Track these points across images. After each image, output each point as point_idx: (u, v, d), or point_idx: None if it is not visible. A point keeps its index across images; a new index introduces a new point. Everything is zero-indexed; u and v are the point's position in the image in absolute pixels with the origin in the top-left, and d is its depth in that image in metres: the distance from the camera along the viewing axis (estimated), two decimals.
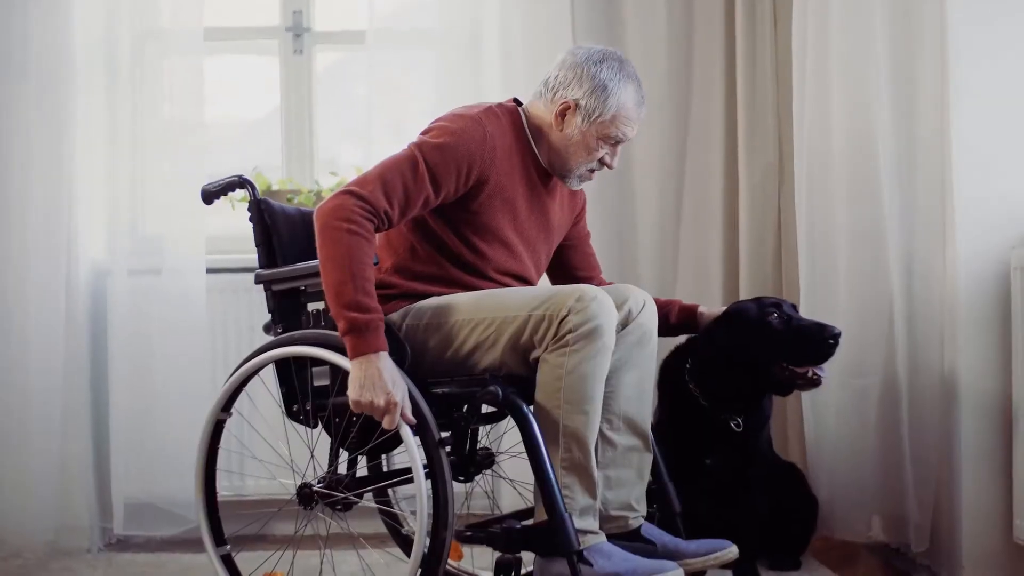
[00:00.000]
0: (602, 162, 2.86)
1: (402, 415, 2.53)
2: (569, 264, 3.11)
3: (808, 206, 3.48)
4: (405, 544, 3.24)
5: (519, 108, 2.89)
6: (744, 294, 3.81)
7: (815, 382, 2.95)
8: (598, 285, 3.05)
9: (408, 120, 4.11)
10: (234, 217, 3.93)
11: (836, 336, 2.92)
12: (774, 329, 2.97)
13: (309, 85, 4.24)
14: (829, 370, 3.38)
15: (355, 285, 2.53)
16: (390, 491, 3.28)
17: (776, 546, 3.30)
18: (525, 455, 2.94)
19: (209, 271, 3.80)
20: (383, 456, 3.21)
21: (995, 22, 3.08)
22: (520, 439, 2.94)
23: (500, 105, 2.87)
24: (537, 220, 2.88)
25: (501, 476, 3.14)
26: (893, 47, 3.24)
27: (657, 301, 2.98)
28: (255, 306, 3.85)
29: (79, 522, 3.75)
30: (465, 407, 2.75)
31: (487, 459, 3.01)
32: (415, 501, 3.15)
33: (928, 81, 3.18)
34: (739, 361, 2.96)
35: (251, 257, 3.85)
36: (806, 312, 3.48)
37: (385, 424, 2.54)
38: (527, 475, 2.97)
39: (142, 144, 3.84)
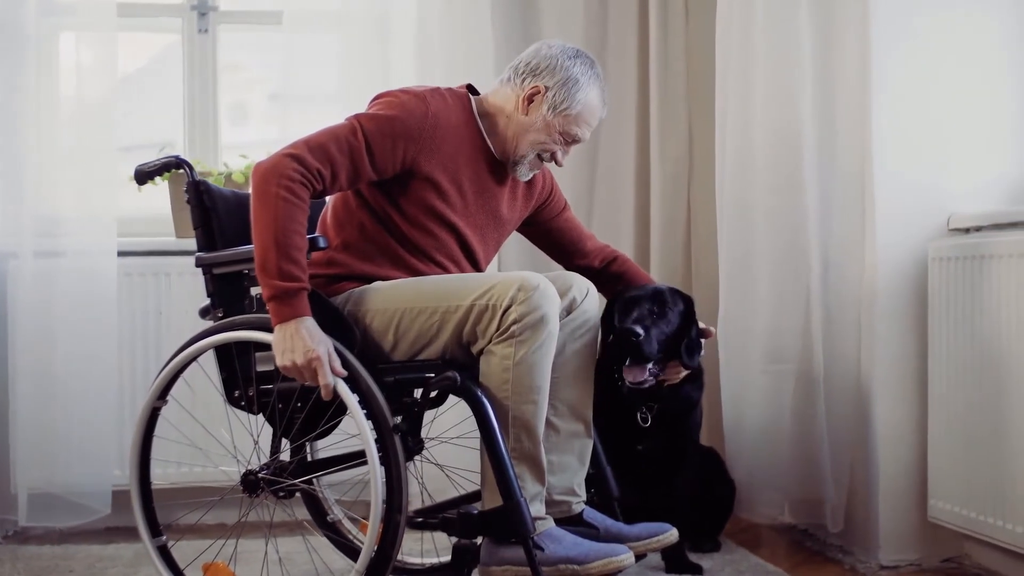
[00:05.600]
0: (552, 156, 2.87)
1: (332, 369, 2.51)
2: (556, 240, 3.16)
3: (730, 196, 3.55)
4: (332, 530, 3.21)
5: (470, 96, 2.89)
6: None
7: (631, 384, 2.96)
8: (591, 251, 3.14)
9: (316, 102, 4.07)
10: (144, 198, 3.83)
11: (627, 331, 2.92)
12: (610, 323, 3.02)
13: (214, 65, 4.15)
14: (752, 357, 3.48)
15: (280, 252, 2.51)
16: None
17: (697, 528, 3.37)
18: (456, 441, 2.98)
19: (120, 254, 3.68)
20: (307, 445, 3.18)
21: (915, 17, 3.18)
22: (449, 426, 3.00)
23: (450, 89, 2.86)
24: (485, 207, 2.88)
25: (432, 462, 3.13)
26: (816, 40, 3.33)
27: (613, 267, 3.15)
28: (165, 290, 3.77)
29: None
30: (408, 392, 2.74)
31: (417, 445, 3.00)
32: (341, 489, 3.18)
33: (850, 74, 3.26)
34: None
35: (163, 240, 3.83)
36: (724, 299, 3.58)
37: (312, 382, 2.52)
38: (457, 461, 3.01)
39: (48, 121, 3.69)
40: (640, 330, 2.92)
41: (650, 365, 2.95)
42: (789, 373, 3.41)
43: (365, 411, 2.54)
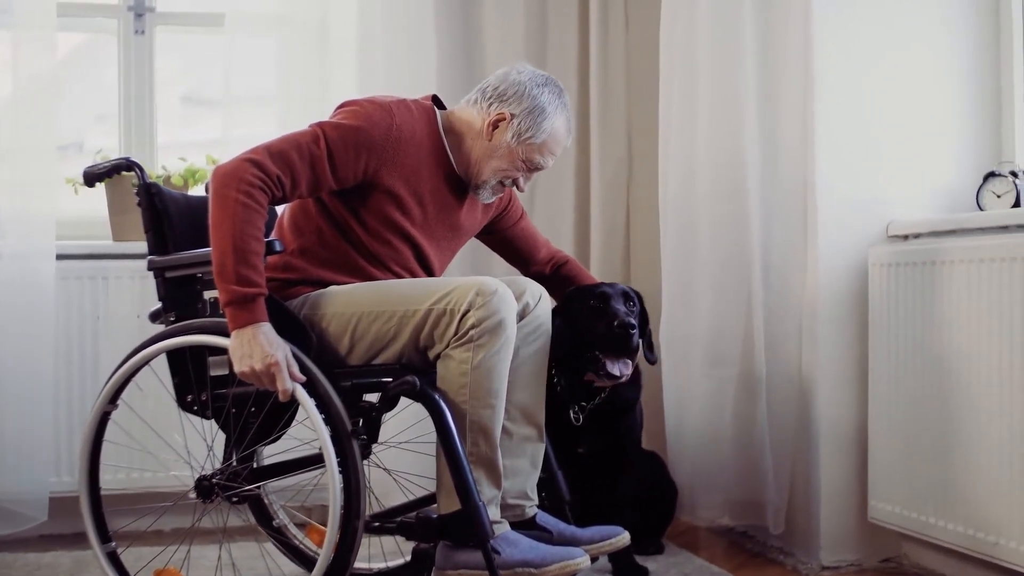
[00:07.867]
0: (515, 182, 2.89)
1: (291, 374, 2.50)
2: (513, 247, 3.20)
3: (673, 201, 3.58)
4: (278, 534, 3.18)
5: (436, 109, 2.88)
6: None
7: (613, 376, 2.98)
8: (545, 258, 3.17)
9: (254, 104, 4.04)
10: (80, 200, 3.77)
11: (623, 326, 2.95)
12: (584, 317, 3.02)
13: (151, 67, 4.10)
14: (694, 361, 3.52)
15: (239, 257, 2.50)
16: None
17: (640, 531, 3.39)
18: (405, 447, 2.98)
19: (57, 257, 3.61)
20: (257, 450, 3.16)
21: (858, 26, 3.24)
22: (396, 431, 3.00)
23: (416, 101, 2.85)
24: (445, 220, 2.88)
25: (380, 467, 3.12)
26: (761, 49, 3.38)
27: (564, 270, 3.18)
28: (102, 294, 3.71)
29: None
30: (360, 396, 2.73)
31: (364, 450, 2.99)
32: (285, 494, 3.16)
33: (793, 82, 3.31)
34: (562, 347, 3.02)
35: (101, 243, 3.77)
36: (667, 303, 3.61)
37: (271, 387, 2.50)
38: (399, 465, 3.01)
39: None
40: (635, 322, 2.96)
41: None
42: (731, 377, 3.45)
43: (322, 416, 2.52)
